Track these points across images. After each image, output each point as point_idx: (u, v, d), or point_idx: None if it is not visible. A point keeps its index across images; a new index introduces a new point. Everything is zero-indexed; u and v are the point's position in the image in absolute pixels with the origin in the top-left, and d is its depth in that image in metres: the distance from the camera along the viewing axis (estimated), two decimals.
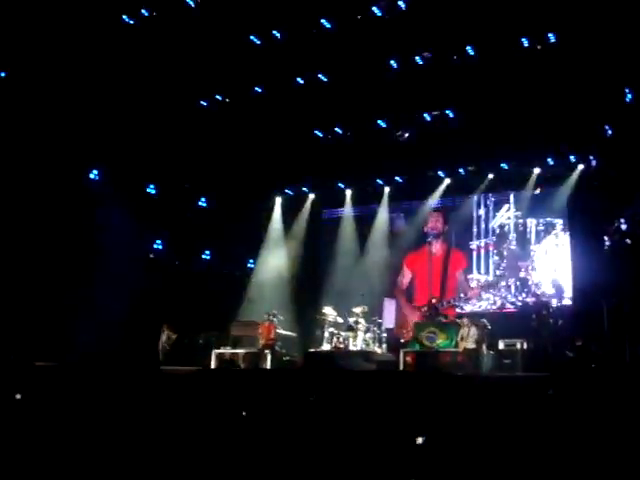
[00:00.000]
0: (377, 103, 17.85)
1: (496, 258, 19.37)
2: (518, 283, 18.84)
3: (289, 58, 16.73)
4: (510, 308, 18.50)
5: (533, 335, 15.39)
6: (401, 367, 15.48)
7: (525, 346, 15.40)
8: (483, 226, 19.70)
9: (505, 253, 19.23)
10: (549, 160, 18.25)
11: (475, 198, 19.65)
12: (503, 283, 18.89)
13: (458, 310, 15.43)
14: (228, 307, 20.14)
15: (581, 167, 17.77)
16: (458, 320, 16.07)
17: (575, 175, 17.92)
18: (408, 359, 15.57)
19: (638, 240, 16.20)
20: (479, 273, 19.40)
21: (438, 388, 12.00)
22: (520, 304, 18.38)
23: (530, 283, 18.63)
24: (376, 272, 19.89)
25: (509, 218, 19.39)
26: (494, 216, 19.62)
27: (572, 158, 17.88)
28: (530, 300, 18.01)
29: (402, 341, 16.13)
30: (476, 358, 15.09)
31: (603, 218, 16.65)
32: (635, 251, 16.23)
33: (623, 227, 16.45)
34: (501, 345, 15.83)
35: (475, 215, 19.76)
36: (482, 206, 19.69)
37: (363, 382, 13.28)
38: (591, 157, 17.41)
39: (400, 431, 6.85)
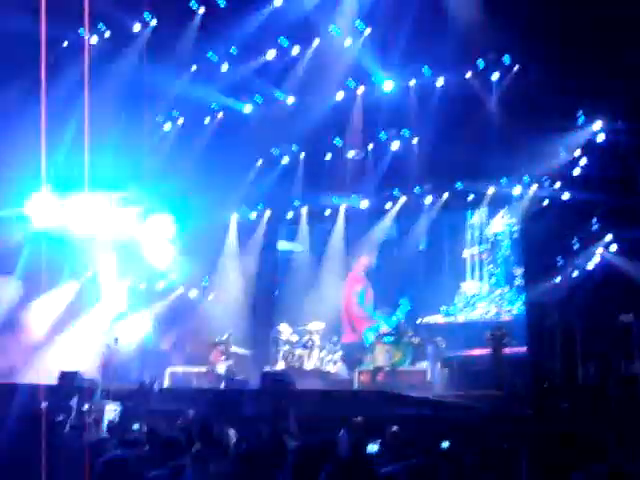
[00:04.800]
0: (334, 124, 18.00)
1: (490, 266, 19.44)
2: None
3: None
4: (506, 317, 18.48)
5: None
6: (355, 386, 15.60)
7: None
8: (477, 234, 19.74)
9: (500, 261, 19.16)
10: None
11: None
12: (499, 291, 18.91)
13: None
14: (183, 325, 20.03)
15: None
16: (413, 339, 16.31)
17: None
18: (362, 378, 15.74)
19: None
20: (473, 281, 19.41)
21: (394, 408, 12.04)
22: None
23: None
24: (333, 289, 19.91)
25: (504, 225, 19.25)
26: (488, 223, 19.70)
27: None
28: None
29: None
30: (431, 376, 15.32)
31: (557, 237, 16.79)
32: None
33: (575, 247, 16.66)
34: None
35: (468, 223, 19.68)
36: (476, 214, 19.49)
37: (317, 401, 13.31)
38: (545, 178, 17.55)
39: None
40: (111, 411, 13.35)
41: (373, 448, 6.05)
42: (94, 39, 17.27)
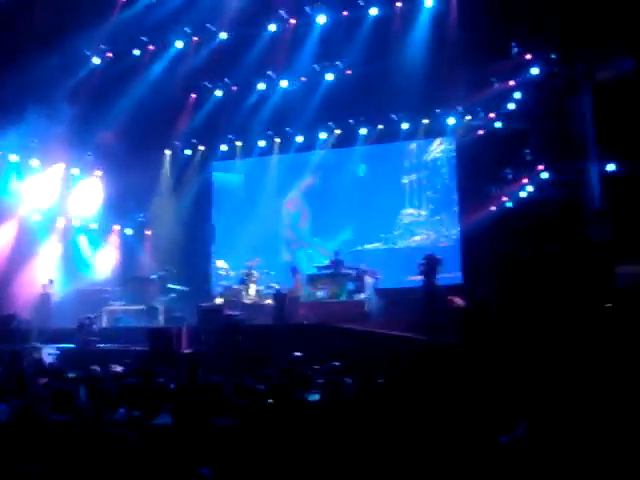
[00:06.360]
0: (267, 56, 17.70)
1: (429, 192, 19.44)
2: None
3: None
4: (445, 243, 18.76)
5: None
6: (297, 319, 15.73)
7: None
8: (415, 160, 19.59)
9: (438, 187, 19.36)
10: None
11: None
12: (437, 217, 19.15)
13: None
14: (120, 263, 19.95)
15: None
16: (354, 271, 16.50)
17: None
18: (303, 311, 15.88)
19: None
20: (412, 208, 19.54)
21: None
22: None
23: None
24: (270, 219, 20.03)
25: (442, 152, 19.46)
26: (426, 150, 19.55)
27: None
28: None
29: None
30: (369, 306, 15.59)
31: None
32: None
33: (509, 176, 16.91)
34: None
35: (407, 149, 19.67)
36: (414, 140, 19.42)
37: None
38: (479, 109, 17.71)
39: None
40: (48, 354, 13.26)
41: (314, 397, 6.08)
42: None
